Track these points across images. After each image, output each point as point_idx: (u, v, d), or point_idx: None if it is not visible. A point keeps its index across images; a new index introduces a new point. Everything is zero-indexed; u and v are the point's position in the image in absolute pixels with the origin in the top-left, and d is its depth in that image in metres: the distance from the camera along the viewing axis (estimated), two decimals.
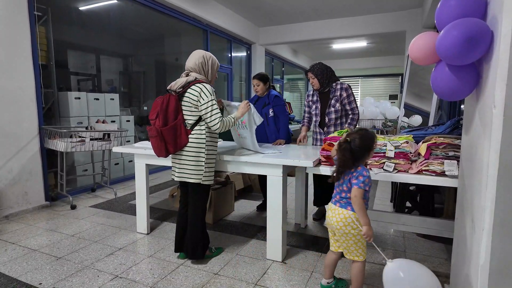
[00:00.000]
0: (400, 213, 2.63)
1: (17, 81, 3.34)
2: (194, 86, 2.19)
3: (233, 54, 7.70)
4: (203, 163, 2.24)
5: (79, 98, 4.22)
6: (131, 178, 4.98)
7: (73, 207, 3.60)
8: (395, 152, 2.00)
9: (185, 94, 2.21)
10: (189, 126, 2.23)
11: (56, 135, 3.57)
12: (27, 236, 2.82)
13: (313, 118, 3.14)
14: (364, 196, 1.74)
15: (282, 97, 5.03)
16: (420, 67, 4.75)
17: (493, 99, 1.20)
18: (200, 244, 2.31)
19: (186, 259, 2.41)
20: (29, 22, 3.43)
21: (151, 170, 5.16)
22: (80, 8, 4.82)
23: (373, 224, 1.87)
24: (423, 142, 2.01)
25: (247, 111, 2.40)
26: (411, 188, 3.03)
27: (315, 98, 3.10)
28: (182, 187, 2.44)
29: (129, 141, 4.94)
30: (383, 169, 2.02)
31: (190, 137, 2.22)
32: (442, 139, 1.93)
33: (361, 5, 6.39)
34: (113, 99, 4.71)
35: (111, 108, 4.69)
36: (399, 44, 8.21)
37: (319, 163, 2.24)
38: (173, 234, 2.76)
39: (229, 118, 2.28)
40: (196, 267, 2.31)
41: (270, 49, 9.26)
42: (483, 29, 1.27)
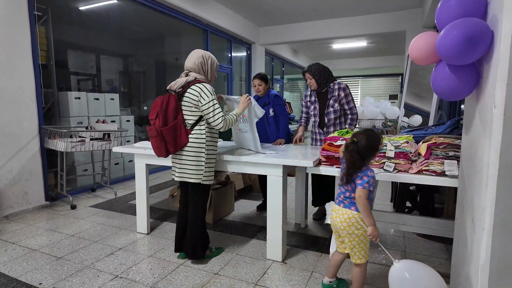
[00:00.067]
0: (400, 213, 2.63)
1: (17, 81, 3.34)
2: (194, 86, 2.19)
3: (233, 54, 7.69)
4: (203, 163, 2.24)
5: (79, 98, 4.22)
6: (131, 178, 4.98)
7: (73, 207, 3.60)
8: (395, 152, 2.00)
9: (185, 94, 2.20)
10: (189, 126, 2.23)
11: (56, 135, 3.57)
12: (27, 236, 2.82)
13: (312, 119, 3.13)
14: (369, 197, 1.73)
15: (282, 96, 5.04)
16: (420, 67, 4.75)
17: (493, 99, 1.20)
18: (200, 244, 2.31)
19: (186, 259, 2.41)
20: (29, 22, 3.43)
21: (151, 170, 5.16)
22: (80, 8, 4.82)
23: None
24: (423, 142, 2.00)
25: (247, 105, 2.39)
26: (411, 188, 3.02)
27: (313, 99, 3.09)
28: (182, 187, 2.44)
29: (129, 141, 4.94)
30: (383, 169, 2.02)
31: (190, 137, 2.22)
32: (442, 139, 1.92)
33: (361, 5, 6.39)
34: (113, 99, 4.72)
35: (111, 108, 4.69)
36: (399, 44, 8.20)
37: (319, 163, 2.24)
38: (173, 234, 2.76)
39: (231, 116, 2.27)
40: (196, 267, 2.31)
41: (270, 49, 9.25)
42: (483, 29, 1.27)
